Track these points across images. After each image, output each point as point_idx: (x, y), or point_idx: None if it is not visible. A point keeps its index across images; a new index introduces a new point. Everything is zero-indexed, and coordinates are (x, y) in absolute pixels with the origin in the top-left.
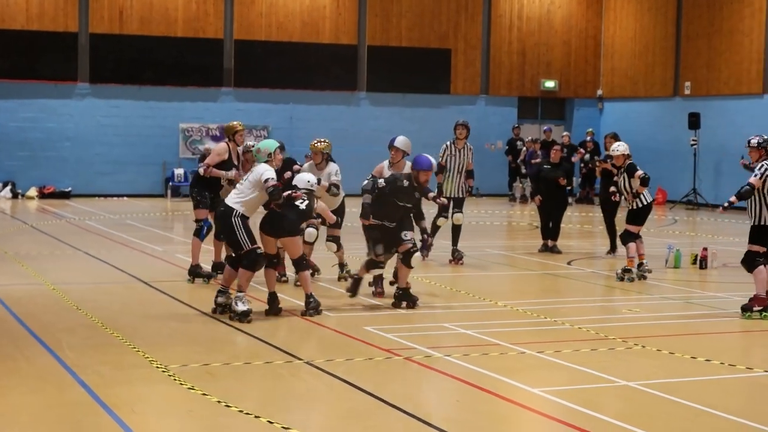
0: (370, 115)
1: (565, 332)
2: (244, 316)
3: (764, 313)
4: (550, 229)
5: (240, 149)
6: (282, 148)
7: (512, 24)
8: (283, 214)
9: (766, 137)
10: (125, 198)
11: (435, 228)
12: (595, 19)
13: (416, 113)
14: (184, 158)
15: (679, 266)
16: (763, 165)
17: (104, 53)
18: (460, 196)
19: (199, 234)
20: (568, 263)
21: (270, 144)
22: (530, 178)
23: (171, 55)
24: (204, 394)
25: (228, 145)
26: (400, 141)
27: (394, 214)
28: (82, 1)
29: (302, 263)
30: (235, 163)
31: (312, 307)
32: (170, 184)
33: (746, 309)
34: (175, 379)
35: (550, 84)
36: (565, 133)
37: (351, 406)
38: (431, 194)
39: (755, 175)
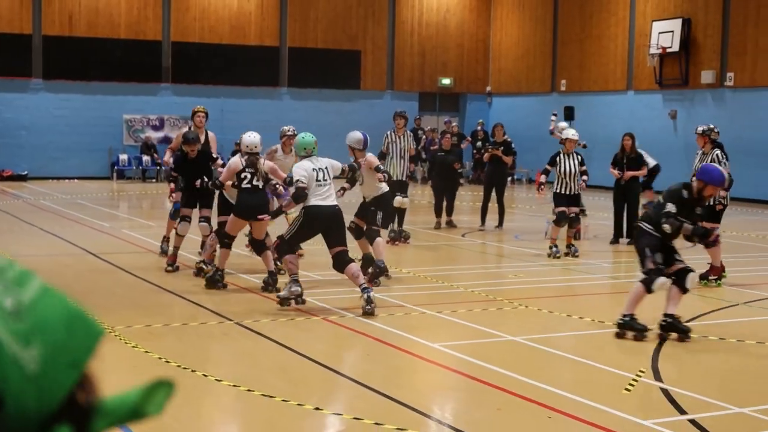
0: (291, 107)
1: (459, 295)
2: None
3: (718, 281)
4: (444, 207)
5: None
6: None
7: (414, 29)
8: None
9: (711, 126)
10: (76, 180)
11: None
12: (485, 26)
13: (331, 106)
14: (127, 145)
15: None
16: (716, 152)
17: (55, 52)
18: (403, 179)
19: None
20: (462, 236)
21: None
22: (428, 163)
23: (115, 54)
24: (146, 352)
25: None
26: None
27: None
28: (36, 5)
29: (264, 244)
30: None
31: (270, 283)
32: (115, 168)
33: (704, 277)
34: (120, 339)
35: (446, 81)
36: (454, 124)
37: (275, 360)
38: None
39: (726, 164)
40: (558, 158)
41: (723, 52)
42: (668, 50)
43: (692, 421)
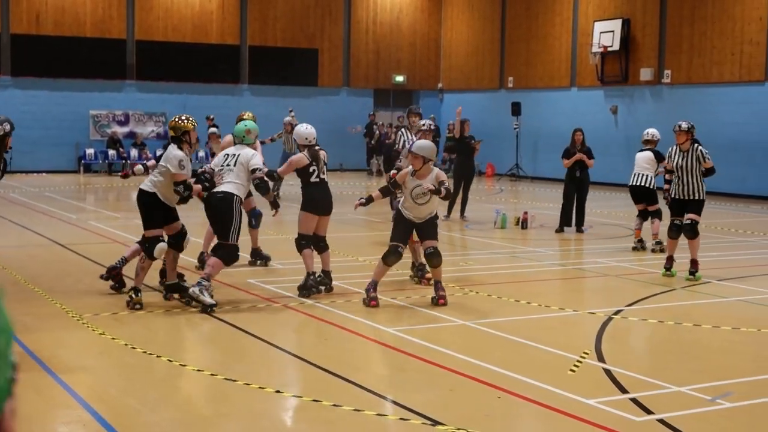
0: (251, 103)
1: (413, 281)
2: (208, 309)
3: (698, 275)
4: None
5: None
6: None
7: (368, 28)
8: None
9: (691, 124)
10: (44, 174)
11: None
12: (436, 26)
13: (290, 102)
14: (94, 140)
15: (505, 227)
16: (699, 148)
17: (23, 50)
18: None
19: (250, 224)
20: None
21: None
22: (383, 156)
23: (81, 52)
24: (113, 338)
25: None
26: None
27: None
28: (4, 5)
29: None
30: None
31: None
32: (82, 161)
33: (693, 273)
34: (88, 326)
35: (399, 78)
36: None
37: (237, 345)
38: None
39: (707, 159)
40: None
41: (660, 50)
42: (609, 49)
43: (633, 400)
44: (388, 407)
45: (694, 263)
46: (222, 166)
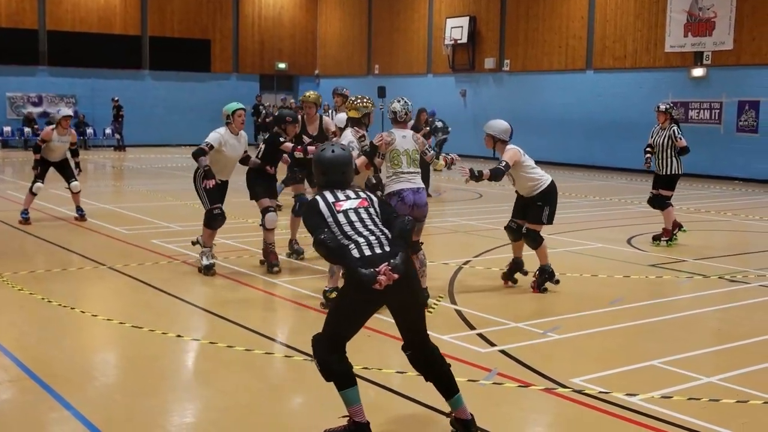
0: (152, 87)
1: (303, 239)
2: (208, 270)
3: (669, 242)
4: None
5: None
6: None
7: (254, 21)
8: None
9: (671, 104)
10: None
11: None
12: (313, 20)
13: (186, 86)
14: (10, 119)
15: None
16: (673, 128)
17: None
18: None
19: (293, 209)
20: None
21: (230, 106)
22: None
23: None
24: (31, 294)
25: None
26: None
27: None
28: None
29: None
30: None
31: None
32: (0, 138)
33: (656, 238)
34: (8, 284)
35: (282, 65)
36: (291, 101)
37: (142, 297)
38: None
39: (680, 138)
40: None
41: (501, 43)
42: (459, 42)
43: (480, 335)
44: (276, 347)
45: (666, 232)
46: None
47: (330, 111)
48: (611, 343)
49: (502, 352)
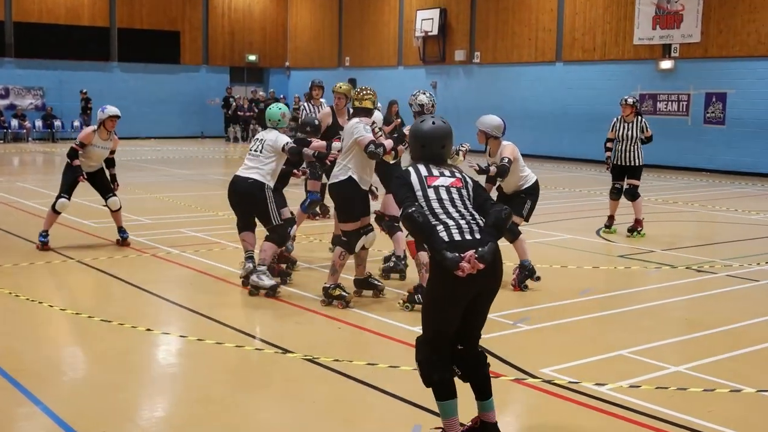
0: (121, 79)
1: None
2: (273, 290)
3: (642, 232)
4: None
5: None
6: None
7: (224, 13)
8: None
9: (636, 98)
10: None
11: None
12: (283, 13)
13: (155, 78)
14: None
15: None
16: (642, 120)
17: None
18: None
19: (302, 205)
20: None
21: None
22: (241, 124)
23: None
24: None
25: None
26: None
27: None
28: None
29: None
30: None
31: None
32: None
33: (632, 230)
34: None
35: (252, 57)
36: (261, 93)
37: (109, 291)
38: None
39: (648, 129)
40: None
41: (471, 35)
42: (429, 34)
43: None
44: (247, 340)
45: (637, 222)
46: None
47: (302, 103)
48: (580, 334)
49: None
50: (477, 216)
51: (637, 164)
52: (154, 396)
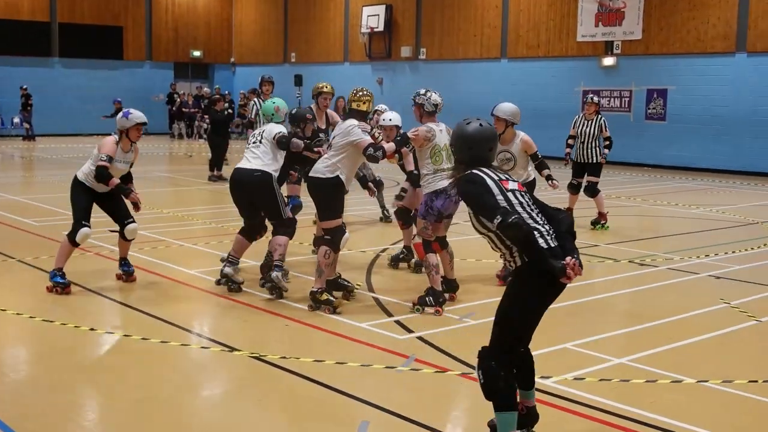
0: (62, 75)
1: (214, 229)
2: (278, 293)
3: (606, 225)
4: (219, 160)
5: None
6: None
7: (168, 8)
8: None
9: (597, 99)
10: None
11: None
12: (228, 8)
13: (98, 74)
14: None
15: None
16: (602, 118)
17: None
18: None
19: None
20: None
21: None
22: (185, 120)
23: None
24: None
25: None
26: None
27: None
28: None
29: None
30: (322, 128)
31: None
32: None
33: (595, 223)
34: None
35: (197, 53)
36: (206, 89)
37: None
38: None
39: (606, 129)
40: None
41: (417, 32)
42: (375, 30)
43: (397, 321)
44: (193, 338)
45: (601, 215)
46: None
47: (255, 100)
48: None
49: (420, 338)
50: (545, 220)
51: (596, 161)
52: (97, 396)
